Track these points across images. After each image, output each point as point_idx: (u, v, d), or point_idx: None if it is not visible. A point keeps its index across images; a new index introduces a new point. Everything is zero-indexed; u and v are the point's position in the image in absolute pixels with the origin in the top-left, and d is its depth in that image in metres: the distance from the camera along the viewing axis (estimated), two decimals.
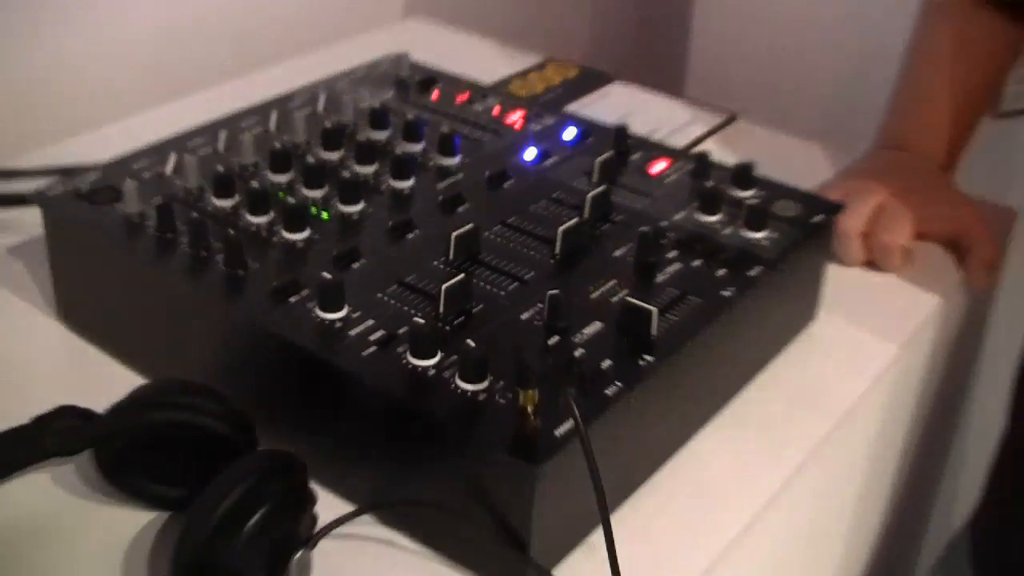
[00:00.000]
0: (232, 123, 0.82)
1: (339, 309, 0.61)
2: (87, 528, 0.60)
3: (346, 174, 0.75)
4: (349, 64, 0.94)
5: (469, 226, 0.68)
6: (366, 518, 0.59)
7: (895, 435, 0.87)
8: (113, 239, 0.68)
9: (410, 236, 0.69)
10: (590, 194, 0.73)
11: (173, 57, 1.11)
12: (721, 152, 0.96)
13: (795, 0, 1.36)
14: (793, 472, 0.67)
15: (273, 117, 0.83)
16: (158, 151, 0.77)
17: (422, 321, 0.59)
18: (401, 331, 0.60)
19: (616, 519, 0.56)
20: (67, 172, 0.81)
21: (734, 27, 1.41)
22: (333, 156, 0.78)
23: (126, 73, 1.08)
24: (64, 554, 0.58)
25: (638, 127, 0.87)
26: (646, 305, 0.61)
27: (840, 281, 0.84)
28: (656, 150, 0.83)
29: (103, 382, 0.66)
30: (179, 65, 1.11)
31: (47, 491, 0.62)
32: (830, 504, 0.80)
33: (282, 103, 0.86)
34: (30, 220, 0.78)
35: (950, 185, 0.95)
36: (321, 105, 0.86)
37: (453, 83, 0.92)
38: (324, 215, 0.71)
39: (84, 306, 0.73)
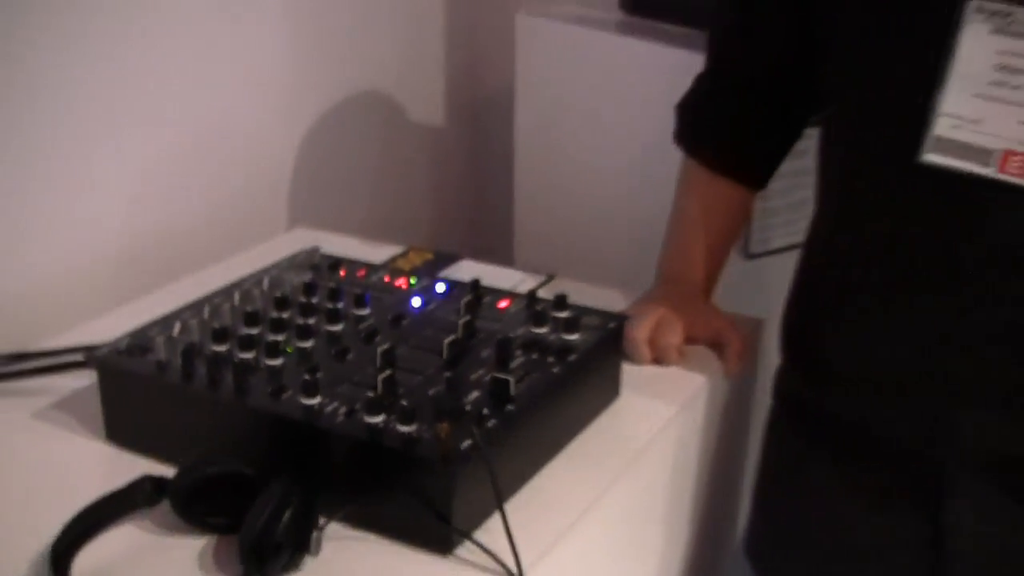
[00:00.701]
0: (208, 301, 1.18)
1: (315, 397, 0.97)
2: (171, 549, 0.93)
3: (299, 322, 1.12)
4: (256, 266, 1.31)
5: (387, 345, 1.05)
6: (343, 523, 0.95)
7: (687, 467, 1.26)
8: (150, 376, 1.03)
9: (348, 357, 1.06)
10: (461, 321, 1.11)
11: (105, 276, 1.47)
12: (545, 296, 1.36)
13: (590, 188, 1.78)
14: (608, 485, 1.05)
15: (236, 295, 1.19)
16: (161, 323, 1.13)
17: (371, 395, 0.96)
18: (356, 406, 0.96)
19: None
20: (88, 348, 1.16)
21: (549, 207, 1.82)
22: (284, 315, 1.15)
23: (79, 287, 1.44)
24: (160, 567, 0.91)
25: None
26: (506, 376, 0.99)
27: (635, 373, 1.23)
28: (501, 294, 1.22)
29: (147, 471, 1.01)
30: (114, 279, 1.47)
31: (142, 528, 0.95)
32: (641, 516, 1.17)
33: (239, 286, 1.22)
34: (60, 384, 1.13)
35: (708, 303, 1.36)
36: (266, 284, 1.23)
37: (353, 264, 1.31)
38: (288, 349, 1.07)
39: (126, 427, 1.08)
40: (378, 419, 0.94)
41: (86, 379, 1.17)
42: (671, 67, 1.36)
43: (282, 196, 1.77)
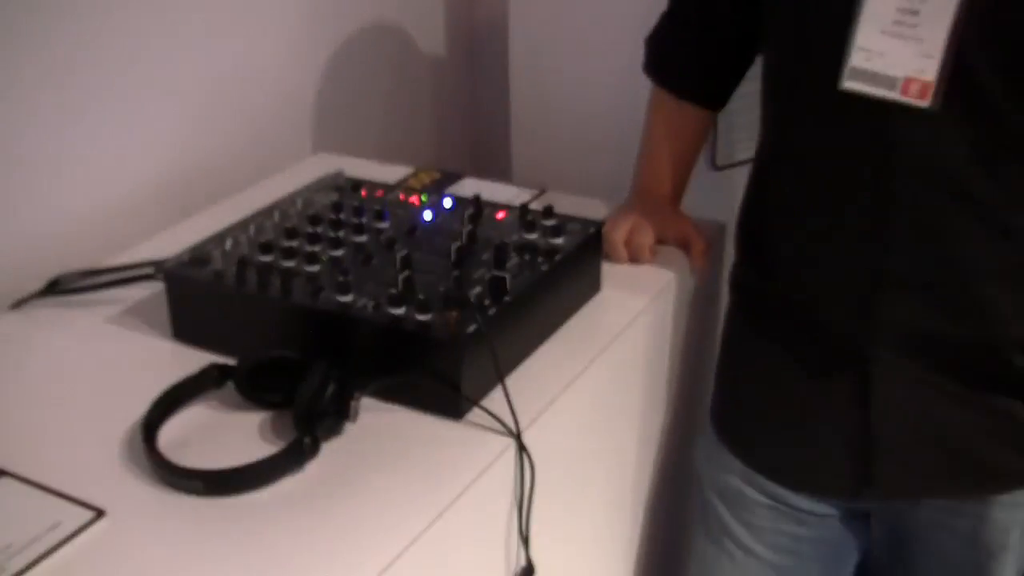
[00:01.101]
0: (253, 220, 1.40)
1: (348, 295, 1.19)
2: (237, 422, 1.16)
3: (330, 235, 1.34)
4: (288, 189, 1.52)
5: (404, 252, 1.27)
6: (374, 397, 1.17)
7: (660, 350, 1.48)
8: (210, 283, 1.26)
9: (373, 262, 1.28)
10: (465, 230, 1.33)
11: (156, 200, 1.69)
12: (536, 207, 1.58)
13: (579, 107, 1.98)
14: (589, 363, 1.27)
15: (276, 214, 1.41)
16: (216, 239, 1.35)
17: (393, 291, 1.18)
18: (381, 300, 1.18)
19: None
20: (154, 263, 1.38)
21: (542, 128, 2.03)
22: (318, 229, 1.36)
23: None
24: (225, 438, 1.14)
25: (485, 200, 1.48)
26: (503, 273, 1.21)
27: (613, 271, 1.45)
28: (499, 207, 1.43)
29: (208, 362, 1.23)
30: (163, 204, 1.69)
31: (211, 408, 1.18)
32: (620, 389, 1.40)
33: (277, 206, 1.44)
34: (126, 295, 1.35)
35: (676, 210, 1.57)
36: (300, 204, 1.44)
37: (372, 185, 1.52)
38: (323, 258, 1.29)
39: (191, 327, 1.30)
40: (400, 310, 1.16)
41: (148, 290, 1.40)
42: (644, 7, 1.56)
43: (305, 125, 1.98)
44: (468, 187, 1.68)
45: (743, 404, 1.46)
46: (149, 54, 1.65)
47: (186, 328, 1.31)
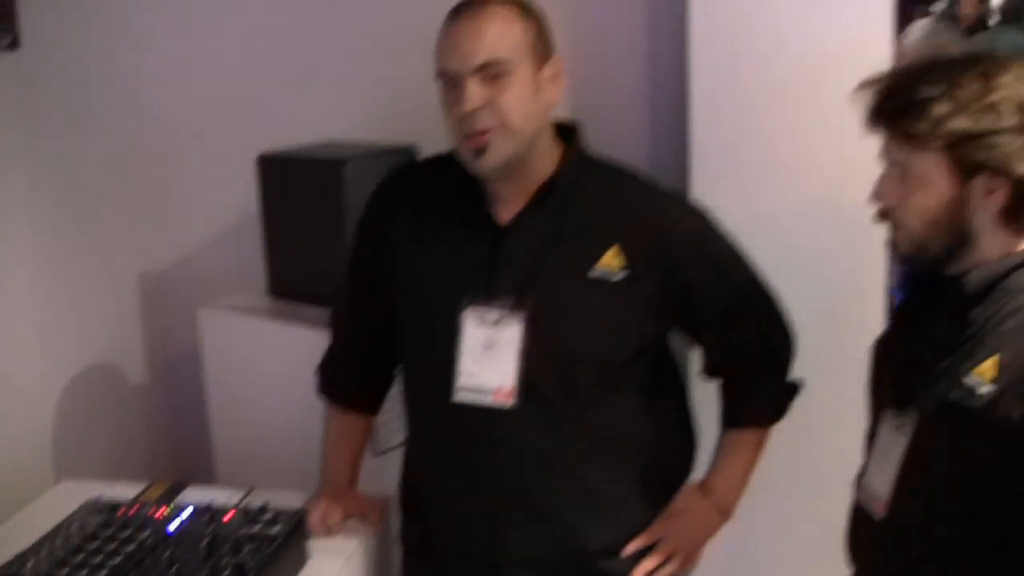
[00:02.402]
0: (28, 555, 1.85)
1: None
2: None
3: (102, 553, 1.81)
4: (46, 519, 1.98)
5: (167, 553, 1.78)
6: None
7: None
8: None
9: (144, 563, 1.77)
10: (206, 531, 1.85)
11: None
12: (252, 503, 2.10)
13: (274, 416, 2.53)
14: None
15: (45, 548, 1.88)
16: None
17: None
18: None
19: None
20: None
21: (243, 435, 2.57)
22: (92, 546, 1.83)
23: None
24: None
25: None
26: (241, 560, 1.73)
27: (317, 544, 1.99)
28: (225, 509, 1.95)
29: None
30: None
31: None
32: None
33: (48, 538, 1.89)
34: None
35: (353, 490, 2.10)
36: (71, 530, 1.91)
37: (127, 505, 2.00)
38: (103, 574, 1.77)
39: None
40: None
41: None
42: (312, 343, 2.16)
43: (46, 456, 2.45)
44: (195, 495, 2.18)
45: None
46: None
47: None
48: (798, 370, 2.01)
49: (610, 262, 1.82)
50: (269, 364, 2.45)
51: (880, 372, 1.76)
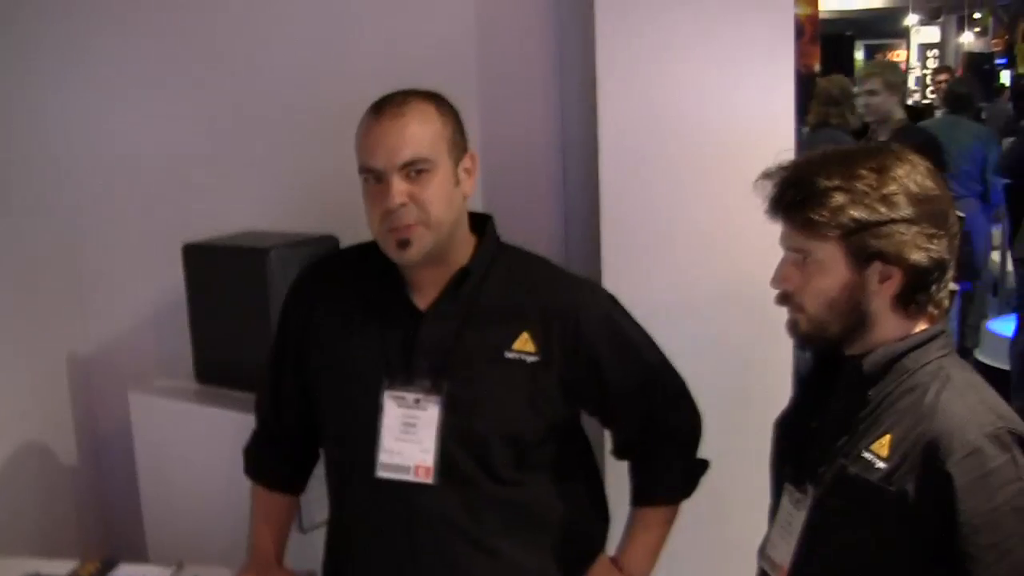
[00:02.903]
0: None
1: None
2: None
3: None
4: None
5: None
6: None
7: None
8: None
9: None
10: None
11: None
12: None
13: (205, 500, 2.61)
14: None
15: None
16: None
17: None
18: None
19: None
20: None
21: (172, 507, 2.65)
22: None
23: None
24: None
25: None
26: None
27: None
28: None
29: None
30: None
31: None
32: None
33: None
34: None
35: (280, 566, 2.20)
36: None
37: None
38: None
39: None
40: None
41: None
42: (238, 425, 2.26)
43: None
44: (126, 571, 2.26)
45: None
46: None
47: None
48: (706, 450, 2.12)
49: (523, 345, 1.94)
50: (198, 446, 2.55)
51: (780, 448, 1.87)
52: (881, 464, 1.63)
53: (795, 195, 1.67)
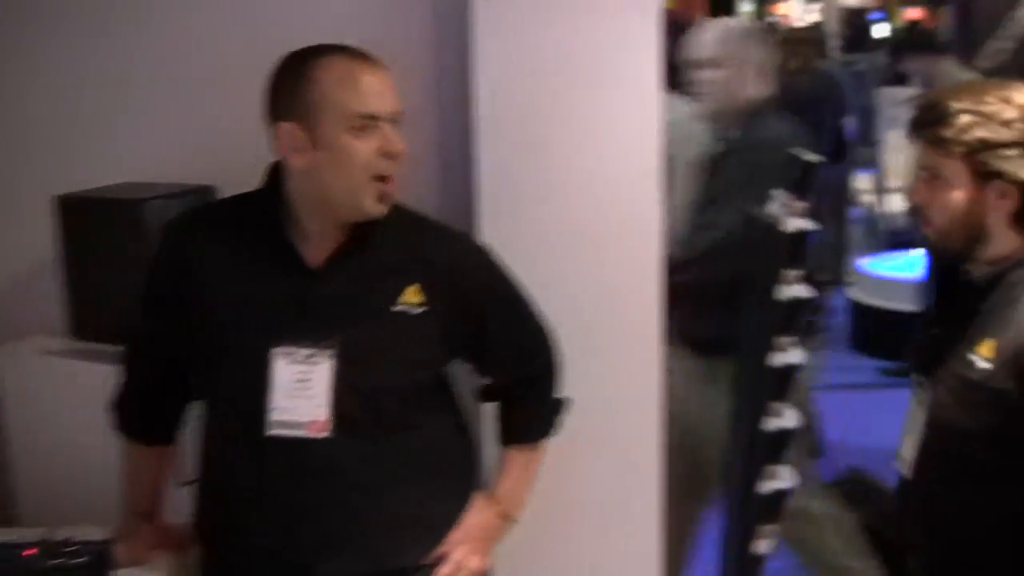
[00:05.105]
0: None
1: None
2: None
3: None
4: None
5: None
6: None
7: None
8: None
9: None
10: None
11: None
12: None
13: (75, 448, 2.54)
14: None
15: None
16: None
17: None
18: None
19: None
20: None
21: (43, 466, 2.57)
22: None
23: None
24: None
25: None
26: None
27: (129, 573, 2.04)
28: (25, 545, 1.98)
29: None
30: None
31: None
32: None
33: None
34: None
35: (160, 521, 2.17)
36: None
37: None
38: None
39: None
40: None
41: None
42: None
43: None
44: None
45: None
46: None
47: None
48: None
49: (410, 299, 1.97)
50: (72, 403, 2.48)
51: (912, 357, 2.14)
52: (985, 364, 1.85)
53: (929, 115, 1.90)
